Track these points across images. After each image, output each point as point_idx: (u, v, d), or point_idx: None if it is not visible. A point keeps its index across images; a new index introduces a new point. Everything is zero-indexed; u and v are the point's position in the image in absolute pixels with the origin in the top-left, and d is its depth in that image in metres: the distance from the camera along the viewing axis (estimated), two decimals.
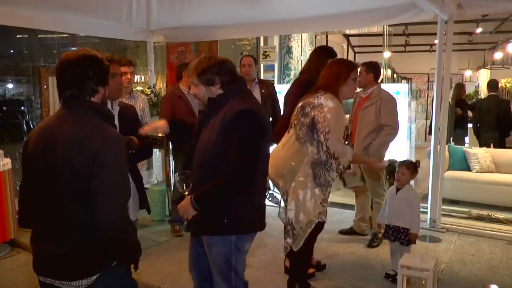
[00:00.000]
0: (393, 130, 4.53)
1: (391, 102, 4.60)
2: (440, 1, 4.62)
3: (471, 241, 4.94)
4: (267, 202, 3.96)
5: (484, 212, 5.86)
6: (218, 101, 2.53)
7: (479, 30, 10.24)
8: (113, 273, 1.99)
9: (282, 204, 3.42)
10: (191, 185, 2.52)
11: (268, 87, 5.26)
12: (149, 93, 6.57)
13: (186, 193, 2.52)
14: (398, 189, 3.82)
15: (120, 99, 3.26)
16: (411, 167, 3.82)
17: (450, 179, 6.28)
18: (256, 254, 4.46)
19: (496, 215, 5.75)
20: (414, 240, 3.72)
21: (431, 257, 3.70)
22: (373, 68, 4.69)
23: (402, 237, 3.75)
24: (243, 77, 2.75)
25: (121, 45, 7.79)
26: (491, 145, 7.85)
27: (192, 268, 2.79)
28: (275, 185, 3.31)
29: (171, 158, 5.17)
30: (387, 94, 4.65)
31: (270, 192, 3.35)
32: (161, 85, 7.79)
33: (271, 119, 5.30)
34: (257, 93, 5.16)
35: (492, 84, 8.45)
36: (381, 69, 9.17)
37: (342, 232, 5.07)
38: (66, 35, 6.95)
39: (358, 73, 4.42)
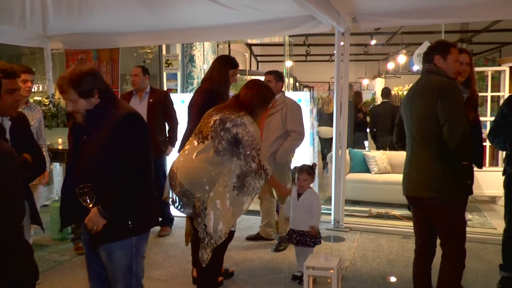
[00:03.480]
0: (300, 135, 4.66)
1: (296, 108, 4.73)
2: (337, 14, 4.88)
3: (371, 238, 5.23)
4: (176, 212, 3.90)
5: (382, 210, 6.27)
6: (98, 111, 2.49)
7: (373, 42, 10.97)
8: None
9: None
10: (94, 197, 2.44)
11: (158, 97, 5.23)
12: (47, 103, 6.22)
13: (91, 205, 2.44)
14: (299, 194, 3.95)
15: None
16: (311, 171, 3.99)
17: (351, 181, 6.61)
18: (163, 266, 4.38)
19: (393, 213, 6.17)
20: (316, 235, 3.90)
21: (335, 256, 3.86)
22: (281, 77, 4.84)
23: (307, 239, 3.89)
24: (109, 86, 2.68)
25: (14, 51, 7.29)
26: (387, 148, 8.38)
27: (93, 284, 2.70)
28: (186, 195, 3.16)
29: None
30: (292, 101, 4.79)
31: (182, 203, 3.28)
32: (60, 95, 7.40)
33: (167, 127, 5.32)
34: (144, 103, 5.16)
35: (385, 92, 9.11)
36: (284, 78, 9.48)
37: (249, 238, 5.12)
38: None
39: (268, 81, 4.57)
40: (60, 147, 5.48)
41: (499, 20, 8.62)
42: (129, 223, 2.47)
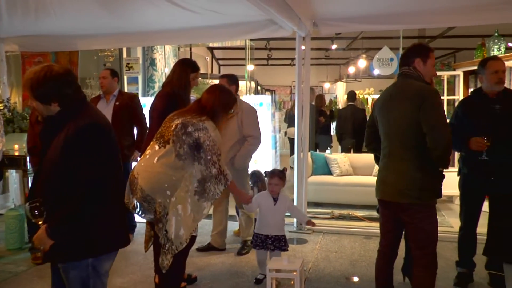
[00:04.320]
0: (256, 140, 4.61)
1: (252, 113, 4.67)
2: (297, 19, 4.93)
3: (334, 239, 5.30)
4: (138, 219, 3.82)
5: (345, 212, 6.37)
6: (58, 118, 2.34)
7: (334, 46, 11.15)
8: None
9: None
10: (45, 212, 2.32)
11: (125, 100, 5.16)
12: (1, 107, 6.02)
13: (40, 222, 2.31)
14: (274, 199, 3.95)
15: None
16: (282, 175, 4.00)
17: (314, 183, 6.68)
18: (125, 274, 4.30)
19: (355, 214, 6.28)
20: (313, 225, 4.09)
21: (298, 258, 3.88)
22: (234, 81, 4.78)
23: (283, 244, 3.94)
24: (80, 89, 2.51)
25: None
26: (351, 150, 8.53)
27: None
28: (147, 200, 3.10)
29: (29, 179, 4.79)
30: (247, 105, 4.74)
31: (143, 209, 3.23)
32: (16, 99, 7.19)
33: (135, 130, 5.23)
34: (110, 106, 5.08)
35: (350, 95, 9.30)
36: (245, 82, 9.51)
37: (200, 249, 4.87)
38: None
39: None
40: (16, 154, 5.31)
41: (454, 27, 8.92)
42: (81, 244, 2.28)
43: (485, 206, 3.86)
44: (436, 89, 3.14)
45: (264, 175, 4.28)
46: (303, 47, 5.56)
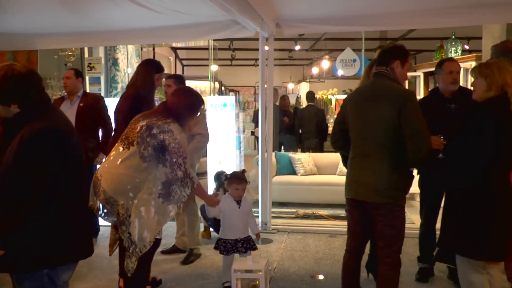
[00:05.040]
0: (204, 138, 4.62)
1: (200, 112, 4.68)
2: (260, 20, 4.94)
3: (299, 238, 5.34)
4: (102, 222, 3.73)
5: (309, 211, 6.44)
6: (15, 121, 2.25)
7: (297, 47, 11.24)
8: None
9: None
10: None
11: (89, 101, 5.05)
12: None
13: None
14: (238, 202, 3.92)
15: None
16: (244, 176, 3.99)
17: (278, 183, 6.72)
18: (88, 279, 4.22)
19: (319, 213, 6.36)
20: (258, 237, 4.15)
21: (263, 258, 3.90)
22: (182, 81, 4.78)
23: (252, 244, 3.96)
24: (43, 90, 2.43)
25: None
26: (312, 150, 8.61)
27: None
28: (110, 202, 3.06)
29: None
30: None
31: (106, 211, 3.17)
32: None
33: (100, 132, 5.12)
34: (74, 107, 4.97)
35: (309, 96, 9.39)
36: (209, 82, 9.47)
37: (164, 252, 4.82)
38: None
39: (168, 86, 4.49)
40: None
41: (414, 29, 9.15)
42: (33, 256, 2.19)
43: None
44: (414, 93, 3.17)
45: (224, 178, 4.22)
46: (266, 48, 5.59)
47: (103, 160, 5.01)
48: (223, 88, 12.77)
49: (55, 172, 2.19)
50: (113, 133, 3.79)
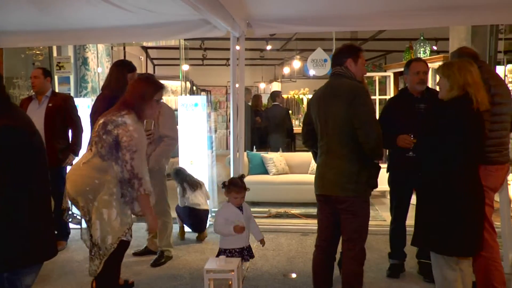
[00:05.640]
0: (173, 140, 4.56)
1: (169, 113, 4.59)
2: (231, 19, 4.93)
3: (271, 237, 5.36)
4: (71, 225, 3.66)
5: (281, 210, 6.48)
6: None
7: (269, 47, 11.28)
8: None
9: (84, 225, 3.13)
10: None
11: (58, 101, 4.95)
12: None
13: None
14: (240, 208, 3.84)
15: None
16: (242, 185, 3.87)
17: (250, 183, 6.59)
18: (58, 284, 4.13)
19: (291, 211, 6.39)
20: (263, 244, 4.03)
21: (235, 258, 3.89)
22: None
23: (251, 252, 3.93)
24: (4, 89, 2.34)
25: None
26: (281, 149, 8.62)
27: None
28: (74, 204, 3.05)
29: None
30: (165, 105, 4.64)
31: (70, 212, 3.12)
32: None
33: (70, 133, 5.03)
34: (43, 107, 4.87)
35: (273, 95, 9.43)
36: (180, 82, 9.40)
37: (136, 253, 4.79)
38: None
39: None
40: None
41: (384, 30, 9.29)
42: None
43: (414, 200, 4.06)
44: (366, 87, 3.27)
45: (223, 185, 3.90)
46: (237, 48, 5.58)
47: (74, 161, 4.96)
48: (194, 88, 12.70)
49: (14, 171, 2.12)
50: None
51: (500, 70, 7.09)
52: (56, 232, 4.61)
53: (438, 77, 3.15)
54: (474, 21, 5.37)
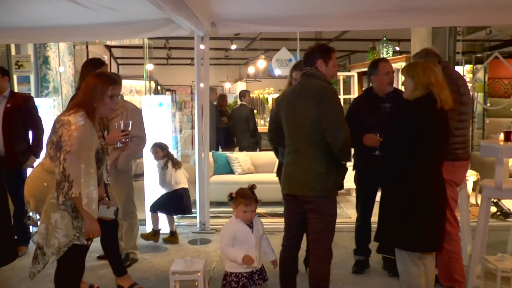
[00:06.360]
0: (142, 140, 4.45)
1: (138, 112, 4.50)
2: (195, 18, 4.90)
3: None
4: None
5: None
6: None
7: (233, 47, 11.26)
8: None
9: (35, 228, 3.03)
10: None
11: (17, 101, 4.76)
12: None
13: None
14: (250, 226, 3.16)
15: None
16: (253, 197, 3.17)
17: (216, 183, 6.70)
18: None
19: (258, 211, 6.35)
20: (275, 266, 3.39)
21: (201, 259, 3.85)
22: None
23: (264, 274, 3.30)
24: None
25: None
26: (247, 148, 8.65)
27: None
28: (28, 207, 2.97)
29: None
30: (132, 105, 4.55)
31: (29, 215, 3.02)
32: None
33: (31, 134, 4.85)
34: (1, 108, 4.68)
35: (241, 95, 9.48)
36: (144, 81, 9.30)
37: (101, 257, 4.56)
38: None
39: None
40: None
41: (348, 31, 9.43)
42: None
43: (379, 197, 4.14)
44: (334, 88, 3.29)
45: (230, 197, 3.19)
46: (202, 47, 5.56)
47: (35, 164, 4.81)
48: (159, 87, 12.57)
49: None
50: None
51: (458, 70, 7.30)
52: (16, 237, 4.51)
53: (402, 77, 3.21)
54: (434, 23, 5.54)
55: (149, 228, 5.33)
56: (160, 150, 5.17)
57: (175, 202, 5.17)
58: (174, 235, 5.25)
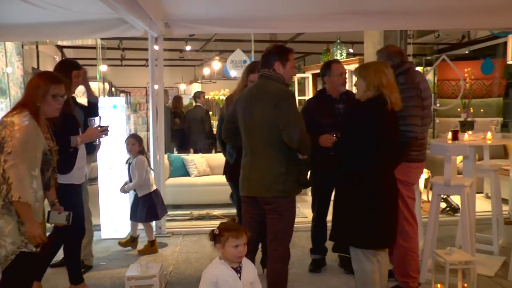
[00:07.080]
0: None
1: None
2: (148, 19, 4.83)
3: (194, 240, 5.32)
4: None
5: (204, 212, 6.45)
6: None
7: (188, 48, 11.17)
8: None
9: None
10: None
11: None
12: None
13: None
14: (237, 270, 2.58)
15: None
16: (241, 227, 2.66)
17: (171, 185, 6.62)
18: None
19: (214, 213, 6.38)
20: None
21: (157, 263, 3.82)
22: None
23: None
24: None
25: None
26: (202, 150, 8.60)
27: None
28: None
29: None
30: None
31: None
32: None
33: None
34: None
35: (195, 96, 9.46)
36: (97, 83, 9.09)
37: (53, 265, 4.33)
38: None
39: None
40: None
41: (302, 33, 9.53)
42: None
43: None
44: (291, 90, 3.30)
45: (212, 236, 2.63)
46: (156, 48, 5.49)
47: None
48: (113, 89, 12.31)
49: None
50: None
51: None
52: None
53: (355, 78, 3.27)
54: (385, 27, 5.71)
55: (104, 234, 5.20)
56: (137, 143, 4.90)
57: (154, 204, 4.96)
58: (135, 241, 5.10)
